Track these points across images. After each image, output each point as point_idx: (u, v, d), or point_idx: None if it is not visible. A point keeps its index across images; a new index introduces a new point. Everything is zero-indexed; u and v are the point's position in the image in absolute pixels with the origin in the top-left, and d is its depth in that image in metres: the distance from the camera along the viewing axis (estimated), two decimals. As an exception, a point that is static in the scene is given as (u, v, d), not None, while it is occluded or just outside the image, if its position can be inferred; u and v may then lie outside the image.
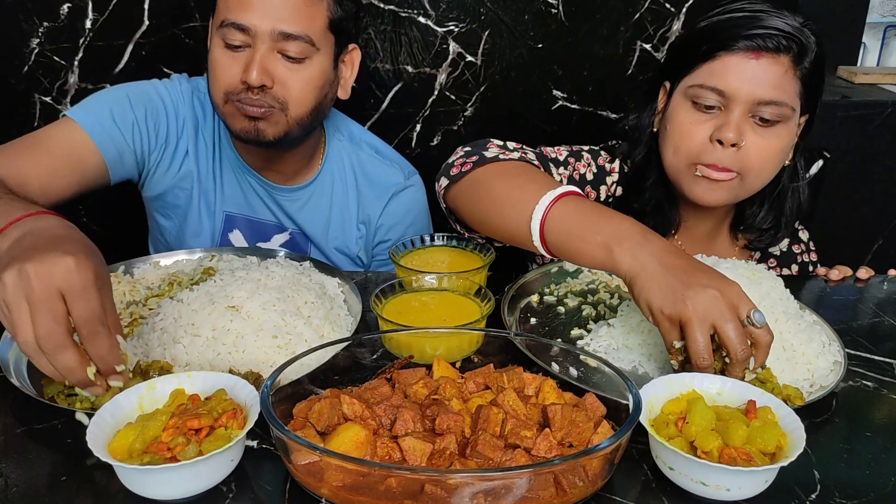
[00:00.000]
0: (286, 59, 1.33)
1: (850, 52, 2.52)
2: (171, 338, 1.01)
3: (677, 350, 0.89)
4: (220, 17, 1.34)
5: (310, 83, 1.37)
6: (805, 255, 1.55)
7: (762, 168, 1.26)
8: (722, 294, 0.87)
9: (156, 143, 1.46)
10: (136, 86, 1.47)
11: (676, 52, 1.34)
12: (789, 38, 1.20)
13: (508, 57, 1.93)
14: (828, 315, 1.18)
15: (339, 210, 1.58)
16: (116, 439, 0.78)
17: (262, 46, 1.31)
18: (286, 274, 1.13)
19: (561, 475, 0.73)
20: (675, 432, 0.81)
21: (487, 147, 1.23)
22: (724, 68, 1.22)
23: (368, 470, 0.71)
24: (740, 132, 1.21)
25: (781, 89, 1.21)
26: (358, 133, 1.64)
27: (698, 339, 0.86)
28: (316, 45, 1.35)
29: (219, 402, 0.81)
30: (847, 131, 2.09)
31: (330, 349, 0.93)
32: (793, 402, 0.91)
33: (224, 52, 1.34)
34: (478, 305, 1.10)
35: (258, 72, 1.30)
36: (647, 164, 1.37)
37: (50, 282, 0.81)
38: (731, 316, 0.86)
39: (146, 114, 1.44)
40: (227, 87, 1.35)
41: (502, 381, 0.88)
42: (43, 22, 1.77)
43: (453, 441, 0.77)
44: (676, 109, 1.28)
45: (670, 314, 0.88)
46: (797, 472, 0.83)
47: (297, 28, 1.31)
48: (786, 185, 1.38)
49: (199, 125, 1.52)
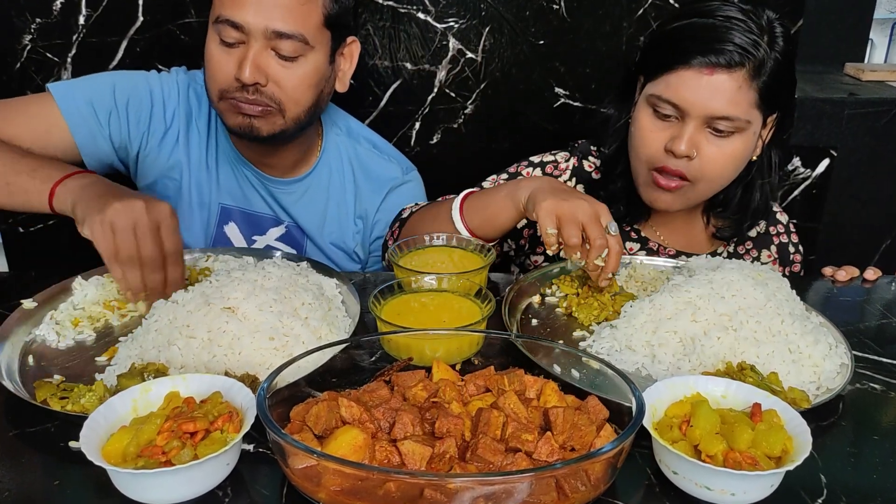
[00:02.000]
0: (280, 58, 1.35)
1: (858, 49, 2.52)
2: (165, 339, 1.01)
3: (550, 235, 1.12)
4: (216, 11, 1.35)
5: (304, 81, 1.38)
6: (783, 236, 1.59)
7: (716, 176, 1.33)
8: (591, 204, 1.13)
9: (136, 131, 1.49)
10: (127, 74, 1.51)
11: (643, 54, 1.39)
12: (744, 54, 1.23)
13: (509, 54, 1.93)
14: (835, 316, 1.17)
15: (336, 204, 1.60)
16: (110, 443, 0.78)
17: (256, 44, 1.33)
18: (283, 274, 1.13)
19: (563, 480, 0.73)
20: (679, 436, 0.81)
21: (402, 214, 1.44)
22: (679, 82, 1.26)
23: (367, 474, 0.71)
24: (693, 144, 1.28)
25: (735, 104, 1.25)
26: (356, 128, 1.65)
27: (569, 227, 1.11)
28: (310, 44, 1.36)
29: (214, 405, 0.81)
30: (854, 129, 2.09)
31: (328, 351, 0.93)
32: (799, 405, 0.92)
33: (219, 47, 1.35)
34: (478, 307, 1.10)
35: (251, 70, 1.32)
36: (618, 155, 1.44)
37: (155, 217, 1.09)
38: (595, 219, 1.12)
39: (128, 102, 1.46)
40: (221, 84, 1.37)
41: (503, 383, 0.88)
42: (35, 18, 1.77)
43: (453, 445, 0.77)
44: (640, 113, 1.35)
45: (552, 209, 1.13)
46: (803, 477, 0.83)
47: (291, 27, 1.33)
48: (753, 179, 1.42)
49: (192, 116, 1.53)
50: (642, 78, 1.36)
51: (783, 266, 1.58)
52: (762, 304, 1.07)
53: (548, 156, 1.52)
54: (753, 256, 1.55)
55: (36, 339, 1.09)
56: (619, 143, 1.43)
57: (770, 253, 1.57)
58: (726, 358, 1.02)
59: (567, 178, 1.50)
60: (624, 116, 1.42)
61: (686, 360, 1.04)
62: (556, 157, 1.52)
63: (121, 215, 1.07)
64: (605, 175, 1.47)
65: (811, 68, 2.37)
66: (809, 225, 2.14)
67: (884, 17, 4.53)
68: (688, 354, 1.04)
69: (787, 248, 1.58)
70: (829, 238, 2.19)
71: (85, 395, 0.90)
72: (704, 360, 1.02)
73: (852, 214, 2.19)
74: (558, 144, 1.55)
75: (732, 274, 1.11)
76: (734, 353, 1.02)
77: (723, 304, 1.07)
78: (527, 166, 1.51)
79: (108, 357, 1.05)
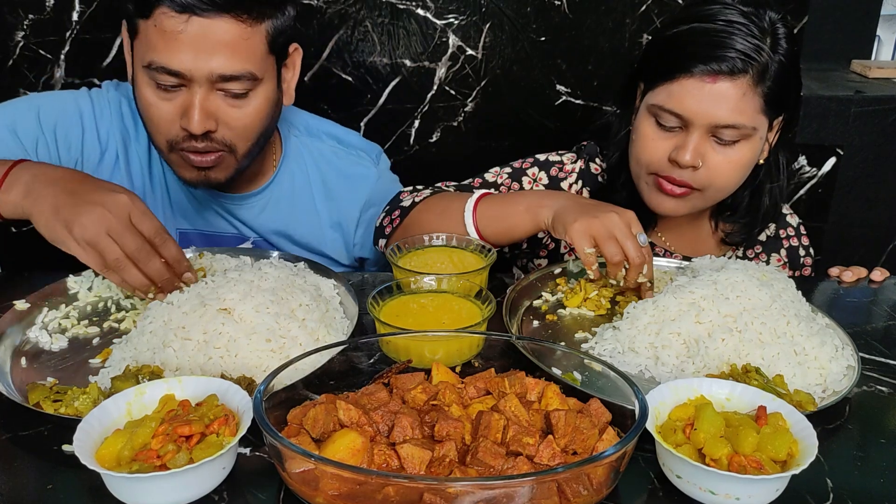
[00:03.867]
0: (228, 97, 1.26)
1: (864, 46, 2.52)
2: (160, 341, 1.01)
3: (589, 255, 1.14)
4: (146, 57, 1.22)
5: (256, 116, 1.30)
6: (794, 239, 1.58)
7: (723, 184, 1.32)
8: (621, 217, 1.14)
9: (68, 156, 1.40)
10: (52, 95, 1.44)
11: (644, 60, 1.38)
12: (747, 60, 1.22)
13: (510, 51, 1.93)
14: (841, 318, 1.18)
15: (305, 209, 1.53)
16: (104, 446, 0.78)
17: (200, 90, 1.23)
18: (280, 275, 1.13)
19: (564, 484, 0.73)
20: (683, 439, 0.81)
21: (402, 198, 1.40)
22: (681, 91, 1.25)
23: (365, 478, 0.71)
24: (698, 154, 1.27)
25: (739, 111, 1.24)
26: (315, 124, 1.57)
27: (610, 245, 1.13)
28: (258, 77, 1.27)
29: (210, 408, 0.81)
30: (861, 127, 2.09)
31: (325, 353, 0.93)
32: (805, 408, 0.91)
33: (156, 93, 1.25)
34: (478, 308, 1.10)
35: (199, 119, 1.23)
36: (621, 164, 1.43)
37: (120, 213, 1.05)
38: (627, 232, 1.14)
39: (56, 126, 1.38)
40: (167, 136, 1.28)
41: (504, 386, 0.88)
42: (28, 14, 1.78)
43: (453, 448, 0.77)
44: (641, 123, 1.34)
45: (585, 230, 1.14)
46: (809, 481, 0.83)
47: (237, 67, 1.23)
48: (762, 182, 1.42)
49: (129, 139, 1.45)
50: (642, 85, 1.35)
51: (793, 270, 1.57)
52: (767, 305, 1.07)
53: (554, 156, 1.51)
54: (763, 261, 1.55)
55: (29, 340, 1.09)
56: (621, 151, 1.42)
57: (780, 257, 1.56)
58: (731, 360, 1.02)
59: (573, 180, 1.49)
60: (624, 125, 1.42)
61: (690, 363, 1.04)
62: (563, 157, 1.51)
63: (88, 229, 1.04)
64: (610, 184, 1.47)
65: (817, 65, 2.36)
66: (815, 225, 2.14)
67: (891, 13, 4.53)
68: (692, 356, 1.04)
69: (798, 252, 1.58)
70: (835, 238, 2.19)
71: (78, 398, 0.89)
72: (708, 362, 1.02)
73: (859, 214, 2.19)
74: (560, 143, 1.55)
75: (737, 274, 1.11)
76: (739, 354, 1.02)
77: (727, 305, 1.07)
78: (532, 164, 1.50)
79: (102, 359, 1.05)
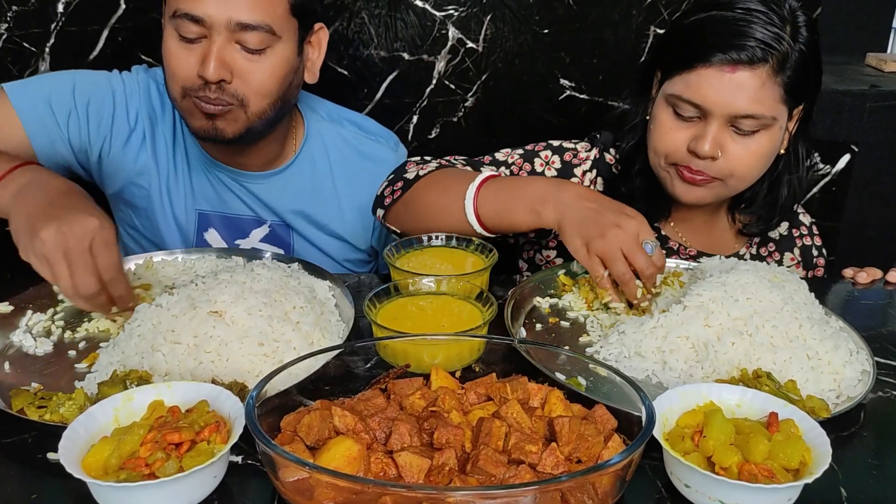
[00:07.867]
0: (245, 51, 1.33)
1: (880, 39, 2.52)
2: (149, 345, 1.01)
3: (602, 278, 1.17)
4: (172, 6, 1.32)
5: (272, 74, 1.37)
6: (807, 238, 1.59)
7: (744, 173, 1.33)
8: (625, 231, 1.15)
9: (97, 133, 1.47)
10: (87, 73, 1.49)
11: (661, 49, 1.40)
12: (766, 49, 1.23)
13: (512, 43, 1.93)
14: (855, 321, 1.18)
15: (325, 192, 1.59)
16: (91, 454, 0.78)
17: (219, 38, 1.31)
18: (273, 276, 1.13)
19: (568, 493, 0.73)
20: (692, 447, 0.81)
21: (407, 169, 1.40)
22: (699, 81, 1.26)
23: (362, 487, 0.71)
24: (717, 144, 1.28)
25: (759, 102, 1.25)
26: (335, 110, 1.65)
27: (618, 266, 1.15)
28: (277, 34, 1.35)
29: (201, 415, 0.81)
30: (876, 123, 2.09)
31: (320, 357, 0.93)
32: (818, 415, 0.92)
33: (178, 44, 1.33)
34: (479, 310, 1.10)
35: (215, 66, 1.31)
36: (636, 152, 1.44)
37: (82, 239, 1.05)
38: (634, 244, 1.15)
39: (89, 102, 1.45)
40: (184, 82, 1.35)
41: (505, 391, 0.88)
42: (12, 5, 1.77)
43: (453, 456, 0.78)
44: (659, 111, 1.35)
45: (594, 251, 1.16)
46: (823, 490, 0.83)
47: (256, 17, 1.31)
48: (781, 174, 1.43)
49: (156, 120, 1.52)
50: (659, 73, 1.36)
51: (806, 270, 1.58)
52: (779, 308, 1.07)
53: (568, 143, 1.52)
54: (776, 259, 1.55)
55: (12, 344, 1.09)
56: (637, 139, 1.44)
57: (794, 256, 1.57)
58: (741, 365, 1.02)
59: (587, 168, 1.50)
60: (640, 113, 1.43)
61: (699, 367, 1.04)
62: (577, 146, 1.52)
63: (48, 245, 1.04)
64: (624, 172, 1.48)
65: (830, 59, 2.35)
66: (829, 224, 2.14)
67: (907, 5, 4.53)
68: (700, 361, 1.04)
69: (811, 252, 1.58)
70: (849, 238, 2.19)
71: (64, 404, 0.90)
72: (718, 366, 1.03)
73: (874, 213, 2.19)
74: (564, 139, 1.55)
75: (747, 276, 1.11)
76: (749, 359, 1.02)
77: (737, 308, 1.07)
78: (545, 148, 1.51)
79: (88, 364, 1.05)
